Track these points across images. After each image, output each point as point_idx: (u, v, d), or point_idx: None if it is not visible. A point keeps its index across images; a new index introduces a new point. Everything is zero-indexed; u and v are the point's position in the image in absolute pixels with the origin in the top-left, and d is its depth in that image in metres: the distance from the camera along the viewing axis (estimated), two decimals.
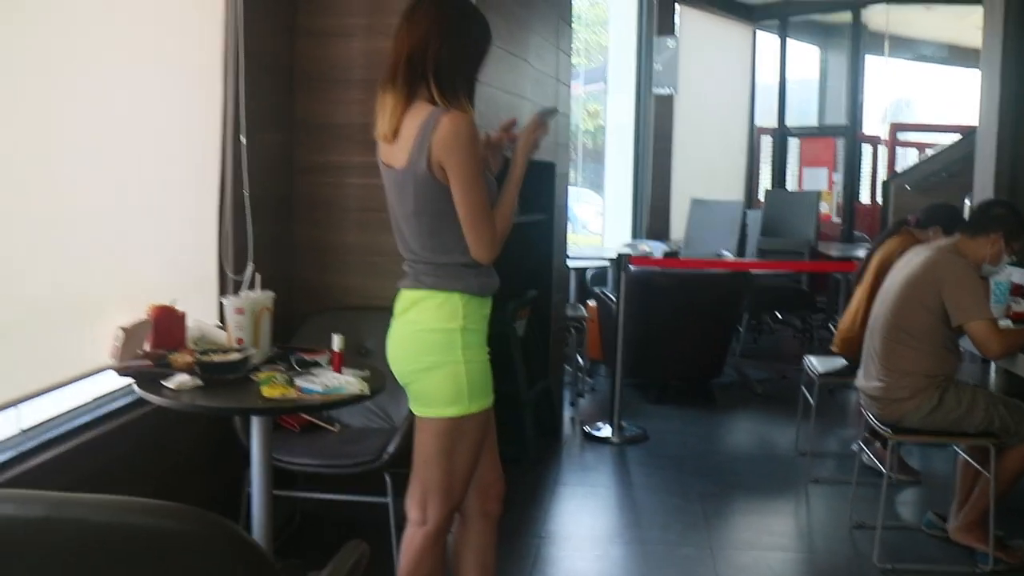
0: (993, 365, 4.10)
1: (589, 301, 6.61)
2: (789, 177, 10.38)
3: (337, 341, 2.70)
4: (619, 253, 5.37)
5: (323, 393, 2.50)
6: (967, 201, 6.13)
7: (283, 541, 3.49)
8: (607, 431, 5.19)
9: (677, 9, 9.26)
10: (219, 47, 3.27)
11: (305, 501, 3.65)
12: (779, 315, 8.53)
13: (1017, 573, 3.48)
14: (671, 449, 5.06)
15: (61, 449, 2.50)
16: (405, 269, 2.44)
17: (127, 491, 1.26)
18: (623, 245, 7.89)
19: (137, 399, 2.69)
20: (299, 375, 2.61)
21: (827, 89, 11.42)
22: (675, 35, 9.07)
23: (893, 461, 3.94)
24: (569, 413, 5.66)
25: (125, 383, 2.78)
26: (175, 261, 3.13)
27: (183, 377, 2.54)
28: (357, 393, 2.53)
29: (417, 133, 2.29)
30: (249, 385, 2.57)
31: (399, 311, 2.44)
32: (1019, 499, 3.78)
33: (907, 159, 11.23)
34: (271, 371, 2.63)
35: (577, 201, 11.82)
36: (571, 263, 6.10)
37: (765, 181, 10.44)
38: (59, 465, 2.46)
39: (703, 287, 6.05)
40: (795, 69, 10.69)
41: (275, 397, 2.45)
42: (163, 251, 3.05)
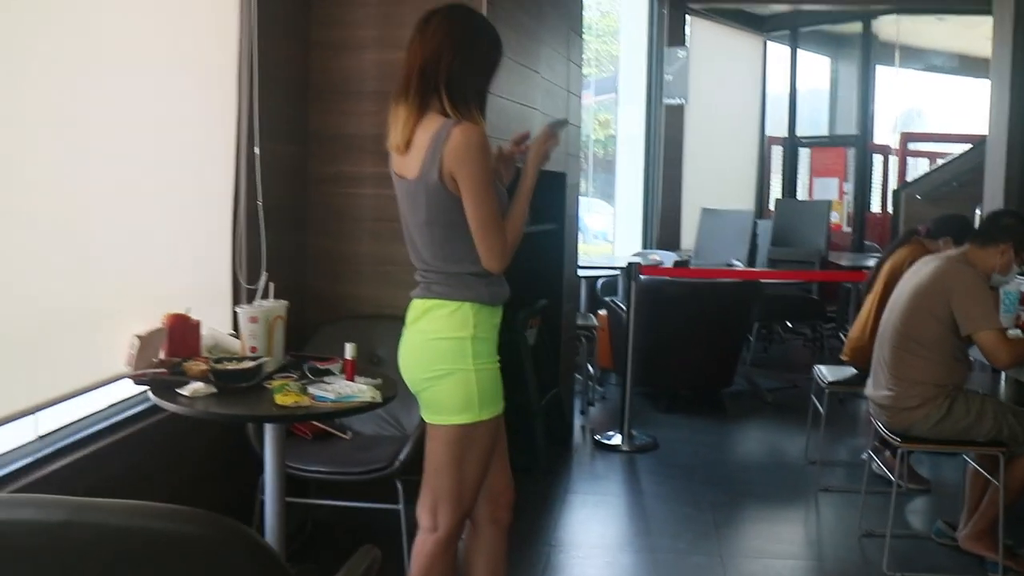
0: (1003, 374, 4.10)
1: (600, 310, 6.63)
2: (799, 187, 10.36)
3: (349, 350, 2.73)
4: (629, 262, 5.39)
5: (335, 401, 2.53)
6: (977, 211, 6.13)
7: (295, 548, 3.51)
8: (617, 439, 5.20)
9: (688, 20, 9.28)
10: (234, 59, 3.32)
11: (317, 508, 3.67)
12: (789, 324, 8.52)
13: None
14: (681, 458, 5.06)
15: (77, 455, 2.54)
16: (417, 279, 2.47)
17: (142, 497, 1.28)
18: (633, 254, 7.91)
19: (152, 406, 2.72)
20: (312, 383, 2.64)
21: (838, 99, 11.41)
22: (686, 46, 9.10)
23: (903, 470, 3.94)
24: (579, 421, 5.66)
25: (140, 390, 2.81)
26: (190, 270, 3.17)
27: (197, 385, 2.57)
28: (369, 401, 2.55)
29: (429, 144, 2.32)
30: (262, 393, 2.60)
31: (411, 320, 2.47)
32: None
33: (918, 169, 11.22)
34: (284, 379, 2.66)
35: (588, 211, 11.84)
36: (582, 272, 6.11)
37: (776, 191, 10.43)
38: (75, 471, 2.49)
39: (713, 296, 6.05)
40: (806, 79, 10.70)
41: (288, 405, 2.48)
42: (178, 261, 3.09)
